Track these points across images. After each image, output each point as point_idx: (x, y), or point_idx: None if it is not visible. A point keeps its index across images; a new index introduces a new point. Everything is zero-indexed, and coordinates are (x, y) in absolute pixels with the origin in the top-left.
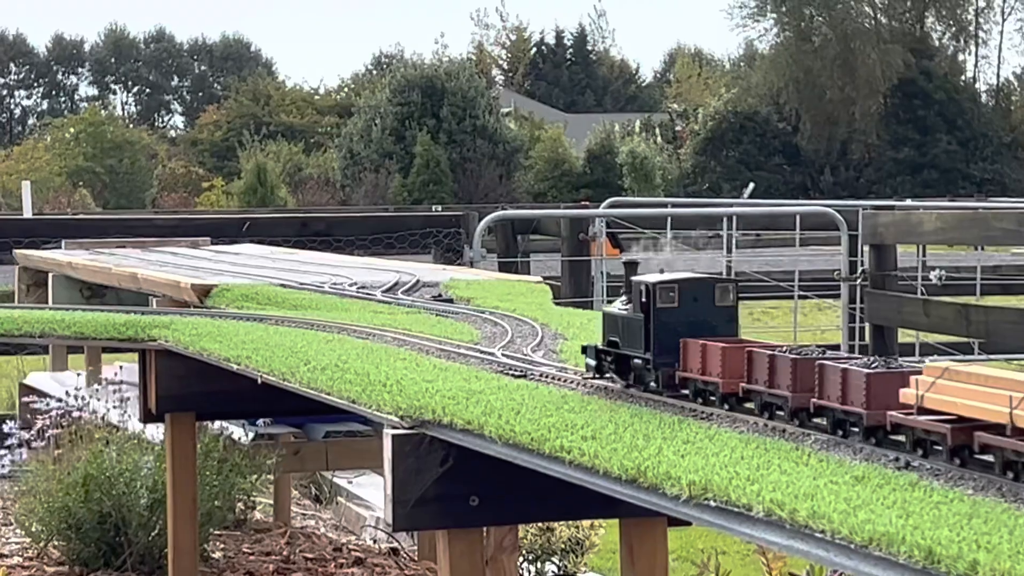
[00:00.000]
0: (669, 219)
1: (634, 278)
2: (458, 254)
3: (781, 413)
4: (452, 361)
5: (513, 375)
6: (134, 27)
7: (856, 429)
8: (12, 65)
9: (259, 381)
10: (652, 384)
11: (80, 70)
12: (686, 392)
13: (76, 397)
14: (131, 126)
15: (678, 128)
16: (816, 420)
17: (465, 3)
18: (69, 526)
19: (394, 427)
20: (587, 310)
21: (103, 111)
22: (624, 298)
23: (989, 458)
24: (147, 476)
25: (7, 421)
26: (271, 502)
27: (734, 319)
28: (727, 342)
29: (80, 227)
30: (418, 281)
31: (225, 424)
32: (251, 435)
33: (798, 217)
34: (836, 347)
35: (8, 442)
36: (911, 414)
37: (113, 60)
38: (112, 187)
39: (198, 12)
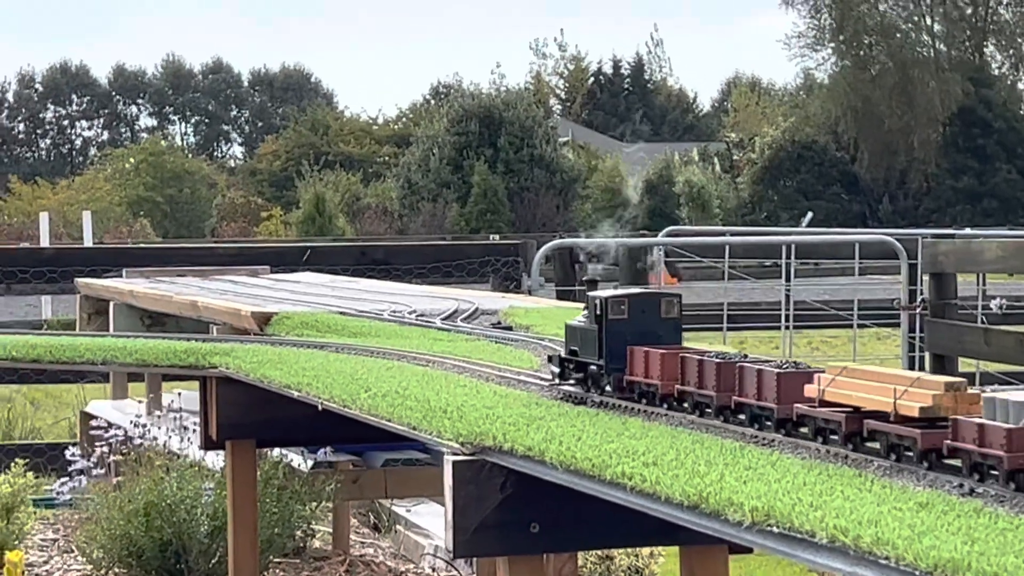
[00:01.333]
0: (727, 248)
1: (590, 293)
2: (516, 283)
3: (709, 411)
4: (512, 388)
5: (573, 402)
6: (192, 58)
7: (770, 422)
8: (74, 96)
9: (320, 408)
10: (607, 388)
11: (140, 101)
12: (633, 394)
13: (137, 425)
14: (190, 156)
15: (735, 157)
16: (739, 416)
17: (523, 33)
18: (130, 553)
19: (455, 453)
20: None
21: (163, 141)
22: (584, 312)
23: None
24: (207, 504)
25: (69, 448)
26: (330, 530)
27: (679, 329)
28: (667, 349)
29: (140, 256)
30: (477, 309)
31: (284, 451)
32: (310, 463)
33: (857, 246)
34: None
35: (70, 469)
36: (814, 406)
37: (171, 91)
38: (172, 217)
39: (258, 43)
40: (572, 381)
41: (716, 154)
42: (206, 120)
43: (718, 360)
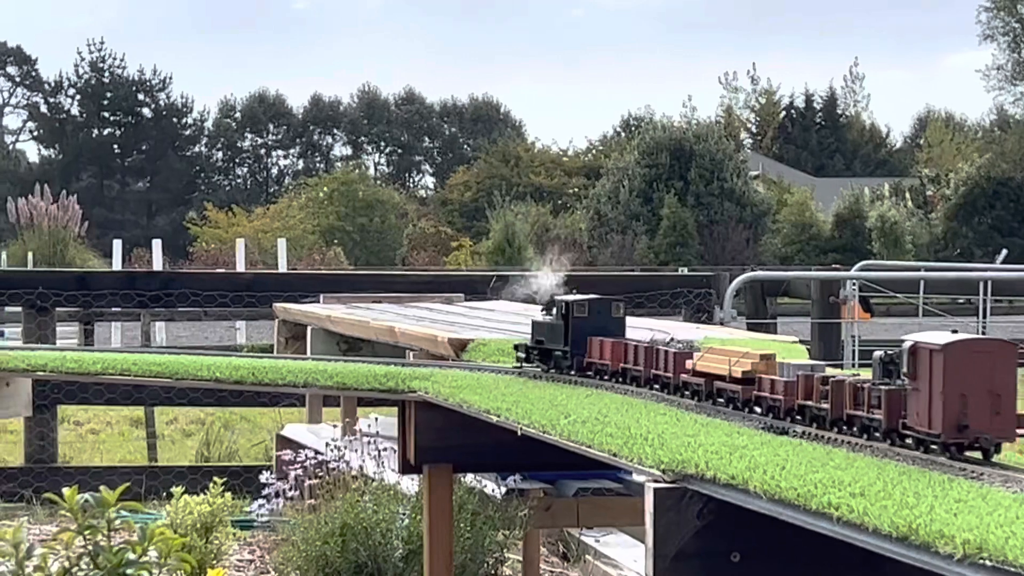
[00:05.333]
0: (921, 283)
1: (556, 296)
2: (708, 314)
3: (637, 380)
4: (712, 417)
5: (775, 431)
6: (386, 89)
7: (666, 388)
8: (271, 125)
9: (519, 433)
10: (569, 369)
11: (335, 131)
12: (590, 372)
13: (333, 448)
14: (383, 186)
15: (929, 193)
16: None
17: (715, 66)
18: (326, 575)
19: (655, 480)
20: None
21: (356, 171)
22: (544, 312)
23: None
24: (402, 527)
25: (264, 471)
26: (519, 558)
27: (623, 325)
28: (615, 339)
29: (335, 282)
30: (672, 338)
31: (478, 477)
32: (503, 489)
33: None
34: None
35: (266, 491)
36: (690, 374)
37: (366, 121)
38: (363, 245)
39: (449, 75)
40: (535, 364)
41: (909, 189)
42: (398, 150)
43: (644, 346)
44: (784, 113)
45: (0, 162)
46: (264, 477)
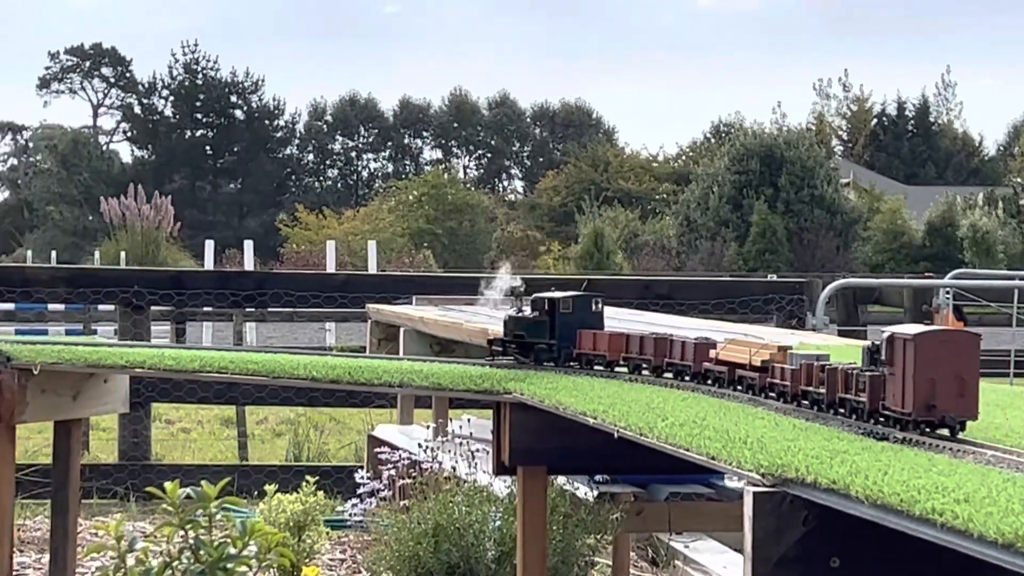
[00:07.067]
0: (1016, 292)
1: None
2: (799, 321)
3: (645, 370)
4: (811, 422)
5: (875, 437)
6: (477, 92)
7: (680, 376)
8: (362, 128)
9: (616, 435)
10: (556, 361)
11: (425, 134)
12: (575, 364)
13: (425, 449)
14: (472, 189)
15: (1022, 202)
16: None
17: (806, 73)
18: (418, 575)
19: (755, 485)
20: None
21: (446, 174)
22: (516, 309)
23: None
24: (495, 529)
25: (357, 471)
26: (609, 562)
27: (602, 319)
28: (612, 331)
29: (426, 284)
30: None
31: (569, 479)
32: (595, 492)
33: None
34: None
35: (359, 491)
36: (713, 363)
37: (456, 124)
38: (451, 248)
39: (540, 78)
40: (511, 357)
41: (1002, 198)
42: (488, 154)
43: (656, 336)
44: (876, 120)
45: (94, 162)
46: (359, 476)
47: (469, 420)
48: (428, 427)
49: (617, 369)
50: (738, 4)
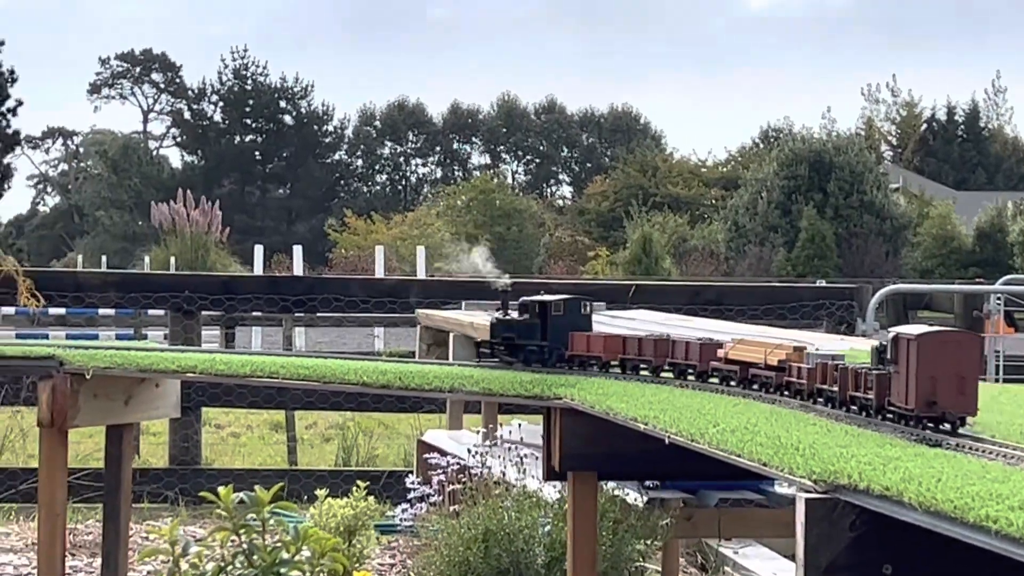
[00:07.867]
0: None
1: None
2: (849, 326)
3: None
4: (863, 428)
5: (928, 443)
6: (526, 97)
7: (692, 375)
8: (411, 134)
9: (667, 441)
10: (547, 362)
11: (474, 139)
12: (572, 364)
13: (475, 454)
14: (520, 194)
15: None
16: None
17: (855, 78)
18: None
19: (807, 491)
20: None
21: (494, 179)
22: (501, 312)
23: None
24: (544, 534)
25: (408, 476)
26: (658, 568)
27: (591, 322)
28: (607, 333)
29: (476, 289)
30: (817, 349)
31: (619, 485)
32: (645, 497)
33: None
34: None
35: (409, 496)
36: (721, 362)
37: (505, 130)
38: (499, 254)
39: (588, 84)
40: (499, 359)
41: None
42: (537, 159)
43: (654, 337)
44: (925, 125)
45: (144, 168)
46: (409, 481)
47: (520, 425)
48: (477, 432)
49: (611, 370)
50: (788, 10)
